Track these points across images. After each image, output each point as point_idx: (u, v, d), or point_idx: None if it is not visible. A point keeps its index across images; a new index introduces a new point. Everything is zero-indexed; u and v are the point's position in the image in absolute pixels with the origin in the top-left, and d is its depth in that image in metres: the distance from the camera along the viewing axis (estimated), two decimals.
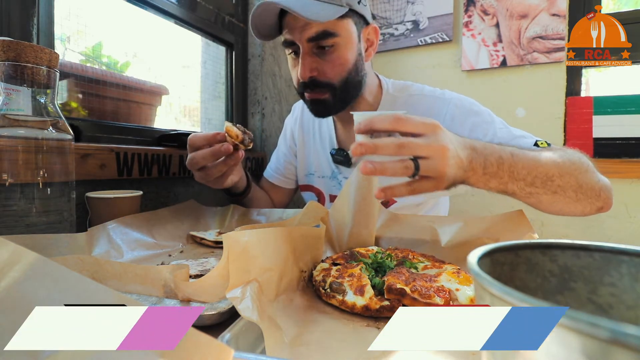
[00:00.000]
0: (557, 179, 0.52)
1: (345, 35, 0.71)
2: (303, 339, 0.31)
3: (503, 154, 0.48)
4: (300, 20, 0.67)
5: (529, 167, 0.49)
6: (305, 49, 0.70)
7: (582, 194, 0.55)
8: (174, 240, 0.64)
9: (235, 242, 0.33)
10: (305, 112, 0.97)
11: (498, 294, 0.15)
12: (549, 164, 0.51)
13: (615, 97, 1.16)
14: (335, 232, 0.58)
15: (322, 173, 0.92)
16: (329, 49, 0.70)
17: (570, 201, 0.55)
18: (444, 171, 0.43)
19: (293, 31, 0.70)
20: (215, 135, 0.65)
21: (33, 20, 0.65)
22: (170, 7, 0.95)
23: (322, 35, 0.69)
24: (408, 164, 0.42)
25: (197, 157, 0.65)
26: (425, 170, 0.43)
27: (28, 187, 0.46)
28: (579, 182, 0.54)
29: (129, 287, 0.39)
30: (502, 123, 0.73)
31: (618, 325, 0.11)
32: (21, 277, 0.17)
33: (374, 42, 0.78)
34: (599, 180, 0.58)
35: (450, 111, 0.75)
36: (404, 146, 0.42)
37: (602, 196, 0.57)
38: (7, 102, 0.46)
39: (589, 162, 0.57)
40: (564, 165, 0.53)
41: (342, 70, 0.72)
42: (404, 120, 0.43)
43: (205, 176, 0.68)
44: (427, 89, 0.82)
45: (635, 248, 0.21)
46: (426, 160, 0.43)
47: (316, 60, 0.71)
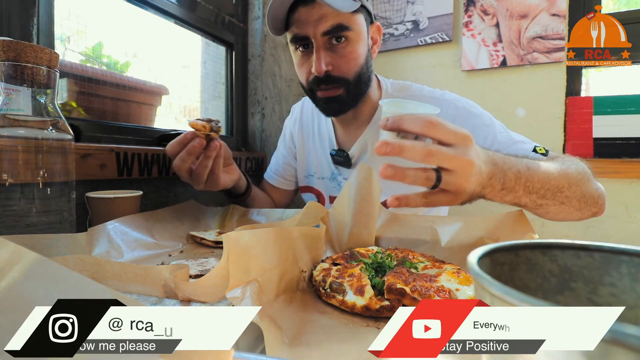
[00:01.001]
0: (566, 190, 0.52)
1: (358, 30, 0.71)
2: (303, 339, 0.31)
3: (521, 168, 0.47)
4: (314, 14, 0.67)
5: (542, 180, 0.49)
6: (320, 43, 0.70)
7: (584, 202, 0.56)
8: (174, 240, 0.64)
9: (235, 242, 0.33)
10: (305, 113, 0.97)
11: (498, 294, 0.15)
12: (561, 176, 0.52)
13: (615, 97, 1.16)
14: (335, 232, 0.58)
15: (321, 174, 0.92)
16: (342, 43, 0.70)
17: (574, 210, 0.56)
18: (464, 187, 0.41)
19: (306, 25, 0.69)
20: (185, 135, 0.66)
21: (33, 20, 0.65)
22: (170, 7, 0.95)
23: (338, 28, 0.69)
24: (430, 174, 0.40)
25: (177, 161, 0.66)
26: (446, 184, 0.41)
27: (28, 187, 0.46)
28: (582, 192, 0.55)
29: (129, 287, 0.39)
30: (502, 127, 0.73)
31: (618, 325, 0.11)
32: (21, 277, 0.17)
33: (378, 40, 0.79)
34: (598, 188, 0.59)
35: (450, 112, 0.75)
36: (432, 154, 0.39)
37: (599, 202, 0.59)
38: (7, 102, 0.46)
39: (589, 171, 0.58)
40: (572, 177, 0.53)
41: (355, 65, 0.72)
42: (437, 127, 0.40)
43: (197, 178, 0.68)
44: (427, 90, 0.82)
45: (635, 248, 0.21)
46: (449, 174, 0.40)
47: (330, 55, 0.71)
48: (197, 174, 0.68)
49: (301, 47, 0.73)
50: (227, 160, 0.76)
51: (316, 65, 0.70)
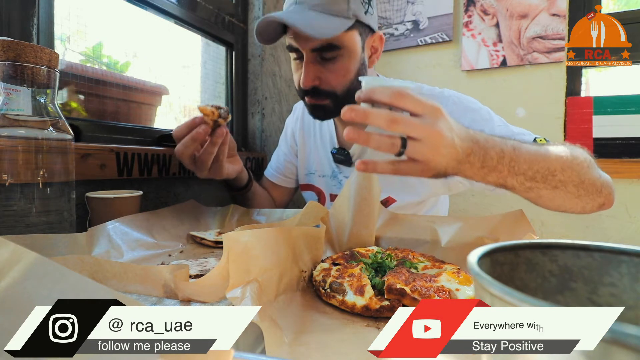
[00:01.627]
0: (559, 173, 0.50)
1: (350, 47, 0.70)
2: (303, 339, 0.31)
3: (505, 147, 0.46)
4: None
5: (530, 161, 0.48)
6: (309, 58, 0.70)
7: (584, 189, 0.53)
8: (174, 240, 0.64)
9: (235, 242, 0.33)
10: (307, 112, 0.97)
11: (498, 294, 0.15)
12: (552, 158, 0.50)
13: (615, 97, 1.16)
14: (335, 232, 0.58)
15: (322, 172, 0.92)
16: (331, 60, 0.70)
17: (571, 197, 0.53)
18: (432, 158, 0.41)
19: (297, 39, 0.70)
20: (194, 120, 0.66)
21: (33, 20, 0.65)
22: (170, 7, 0.95)
23: (326, 47, 0.69)
24: (396, 141, 0.41)
25: (179, 147, 0.66)
26: (412, 152, 0.41)
27: (28, 187, 0.46)
28: (580, 178, 0.52)
29: (129, 287, 0.39)
30: (500, 121, 0.73)
31: (618, 325, 0.11)
32: (21, 277, 0.17)
33: (379, 49, 0.78)
34: (601, 176, 0.56)
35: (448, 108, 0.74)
36: (396, 121, 0.40)
37: (604, 192, 0.56)
38: (7, 102, 0.46)
39: (590, 158, 0.56)
40: (566, 160, 0.51)
41: (345, 80, 0.72)
42: (405, 97, 0.40)
43: (201, 165, 0.68)
44: (426, 87, 0.82)
45: (635, 248, 0.21)
46: (416, 142, 0.41)
47: (319, 69, 0.71)
48: (201, 161, 0.68)
49: (295, 54, 0.74)
50: (232, 151, 0.77)
51: (303, 79, 0.71)
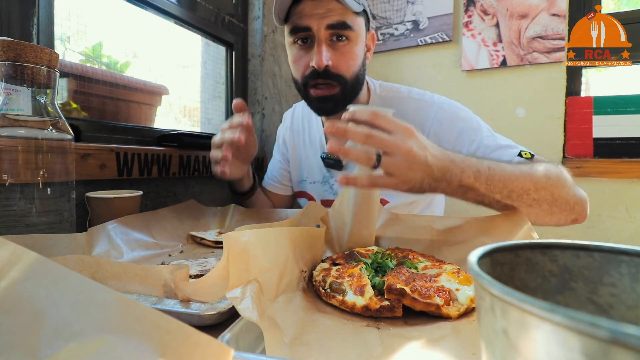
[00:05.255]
0: (533, 192, 0.53)
1: (358, 31, 0.72)
2: (303, 339, 0.31)
3: (481, 167, 0.51)
4: (321, 7, 0.68)
5: (504, 180, 0.52)
6: (323, 37, 0.70)
7: (557, 207, 0.57)
8: (174, 240, 0.64)
9: (235, 242, 0.33)
10: (295, 120, 0.98)
11: (498, 294, 0.15)
12: (525, 178, 0.53)
13: (615, 97, 1.16)
14: (335, 232, 0.58)
15: (313, 179, 0.92)
16: (342, 42, 0.71)
17: (545, 214, 0.57)
18: (405, 172, 0.46)
19: (310, 17, 0.69)
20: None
21: (33, 20, 0.65)
22: (170, 7, 0.95)
23: (342, 25, 0.70)
24: (371, 155, 0.46)
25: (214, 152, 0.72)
26: (385, 166, 0.46)
27: (28, 187, 0.46)
28: (554, 197, 0.56)
29: (129, 287, 0.39)
30: (489, 131, 0.73)
31: (618, 325, 0.11)
32: (21, 277, 0.17)
33: (371, 47, 0.81)
34: (575, 194, 0.59)
35: (438, 115, 0.76)
36: (371, 137, 0.45)
37: (577, 209, 0.59)
38: (7, 102, 0.46)
39: (567, 177, 0.58)
40: (539, 180, 0.54)
41: (354, 65, 0.73)
42: (380, 116, 0.47)
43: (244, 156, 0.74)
44: (416, 92, 0.82)
45: (635, 248, 0.21)
46: (388, 157, 0.46)
47: (330, 51, 0.71)
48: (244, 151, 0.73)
49: (300, 40, 0.73)
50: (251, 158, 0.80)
51: (317, 58, 0.70)
